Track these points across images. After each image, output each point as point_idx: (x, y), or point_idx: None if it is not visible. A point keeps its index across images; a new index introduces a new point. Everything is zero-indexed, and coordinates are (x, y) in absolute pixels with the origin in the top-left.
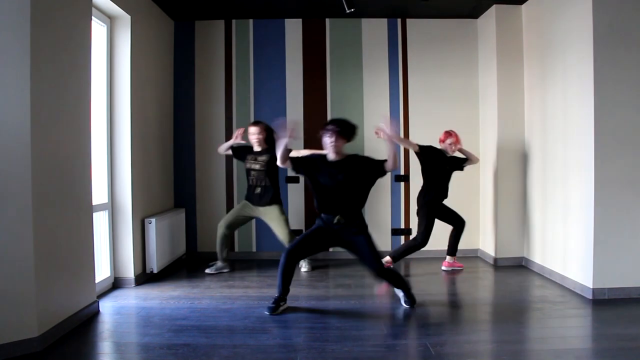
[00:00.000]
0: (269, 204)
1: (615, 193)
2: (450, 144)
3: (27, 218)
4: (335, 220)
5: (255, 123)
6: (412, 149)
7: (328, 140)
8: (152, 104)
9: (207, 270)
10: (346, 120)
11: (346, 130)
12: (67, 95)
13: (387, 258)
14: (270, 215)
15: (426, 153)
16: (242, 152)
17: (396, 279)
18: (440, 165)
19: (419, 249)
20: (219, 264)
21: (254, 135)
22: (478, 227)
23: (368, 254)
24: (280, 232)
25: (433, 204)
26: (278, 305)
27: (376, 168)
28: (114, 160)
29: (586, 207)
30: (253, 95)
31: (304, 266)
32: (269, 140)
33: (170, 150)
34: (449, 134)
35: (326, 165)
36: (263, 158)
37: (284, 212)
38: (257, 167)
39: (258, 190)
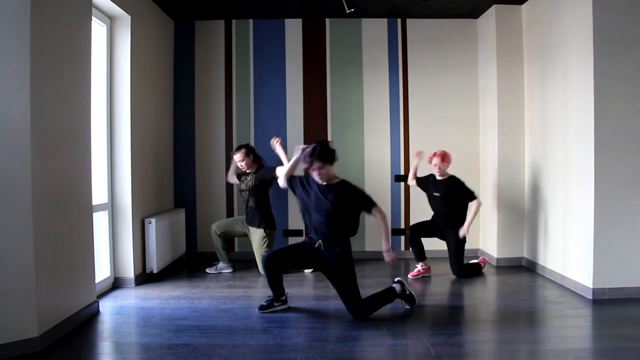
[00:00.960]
0: (257, 226)
1: (615, 193)
2: (435, 165)
3: (27, 218)
4: (317, 245)
5: (237, 149)
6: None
7: (312, 172)
8: (152, 104)
9: (207, 270)
10: (324, 145)
11: (326, 156)
12: (67, 95)
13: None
14: (253, 236)
15: (419, 185)
16: (240, 175)
17: (377, 306)
18: (428, 192)
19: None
20: (221, 264)
21: (239, 162)
22: (478, 227)
23: (347, 286)
24: (257, 256)
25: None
26: (270, 305)
27: (363, 206)
28: (114, 160)
29: (586, 207)
30: (253, 95)
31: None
32: (256, 161)
33: (170, 150)
34: (434, 155)
35: (317, 187)
36: (248, 179)
37: (267, 238)
38: (243, 187)
39: (247, 210)
